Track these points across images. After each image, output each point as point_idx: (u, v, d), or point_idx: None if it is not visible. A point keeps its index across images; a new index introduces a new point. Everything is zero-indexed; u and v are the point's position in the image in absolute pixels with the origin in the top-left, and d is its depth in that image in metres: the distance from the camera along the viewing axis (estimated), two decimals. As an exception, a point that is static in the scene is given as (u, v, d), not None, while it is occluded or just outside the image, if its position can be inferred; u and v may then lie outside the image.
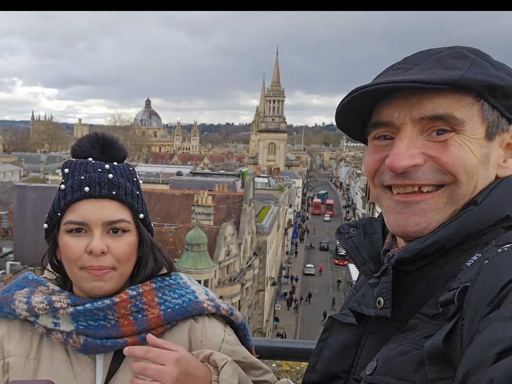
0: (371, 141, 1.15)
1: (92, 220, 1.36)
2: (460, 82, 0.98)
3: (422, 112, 1.02)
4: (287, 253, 71.12)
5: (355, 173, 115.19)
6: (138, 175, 1.56)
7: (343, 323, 1.22)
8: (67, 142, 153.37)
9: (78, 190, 1.38)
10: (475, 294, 0.83)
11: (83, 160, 1.45)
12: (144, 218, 1.47)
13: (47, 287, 1.46)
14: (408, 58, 1.12)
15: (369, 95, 1.05)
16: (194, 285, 1.55)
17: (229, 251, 35.04)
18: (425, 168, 1.03)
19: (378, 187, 1.14)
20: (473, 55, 1.05)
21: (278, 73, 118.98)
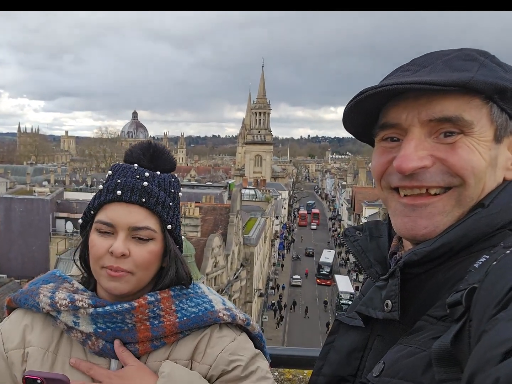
0: (378, 143, 1.15)
1: (119, 223, 1.40)
2: (469, 84, 0.97)
3: (430, 114, 1.01)
4: (274, 264, 71.14)
5: (340, 185, 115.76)
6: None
7: (349, 326, 1.25)
8: (53, 154, 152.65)
9: (112, 192, 1.42)
10: (483, 295, 0.82)
11: (128, 165, 1.50)
12: (172, 229, 1.48)
13: (72, 285, 1.51)
14: (416, 59, 1.12)
15: (377, 96, 1.05)
16: (212, 295, 1.56)
17: (217, 262, 35.11)
18: (433, 170, 1.03)
19: (385, 189, 1.14)
20: (482, 57, 1.05)
21: (264, 86, 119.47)
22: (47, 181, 60.47)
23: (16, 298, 1.52)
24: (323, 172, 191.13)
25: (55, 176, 67.77)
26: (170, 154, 1.58)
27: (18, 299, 1.51)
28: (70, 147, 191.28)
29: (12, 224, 39.74)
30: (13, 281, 30.89)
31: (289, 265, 75.05)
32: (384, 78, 1.15)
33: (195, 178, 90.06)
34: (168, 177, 1.53)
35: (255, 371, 1.46)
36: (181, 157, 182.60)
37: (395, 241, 1.23)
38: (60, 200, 43.07)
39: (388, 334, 1.09)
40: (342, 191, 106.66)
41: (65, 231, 40.22)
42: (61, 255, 33.64)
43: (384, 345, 1.08)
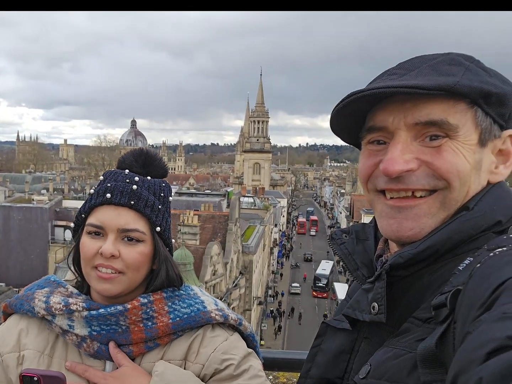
0: (365, 146, 1.16)
1: (108, 225, 1.43)
2: (455, 89, 0.99)
3: (416, 118, 1.03)
4: (273, 272, 71.01)
5: (339, 193, 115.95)
6: None
7: (336, 329, 1.26)
8: (52, 163, 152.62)
9: (102, 196, 1.45)
10: (467, 297, 0.83)
11: (119, 170, 1.53)
12: (161, 231, 1.50)
13: (66, 289, 1.53)
14: (403, 63, 1.14)
15: (364, 100, 1.06)
16: (204, 296, 1.58)
17: (215, 270, 35.05)
18: (418, 173, 1.04)
19: (371, 191, 1.15)
20: (467, 62, 1.07)
21: (262, 94, 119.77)
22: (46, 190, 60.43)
23: (11, 304, 1.54)
24: (322, 180, 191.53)
25: (54, 184, 67.72)
26: (162, 161, 1.62)
27: (14, 304, 1.53)
28: (68, 155, 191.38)
29: (11, 233, 39.66)
30: (11, 290, 30.79)
31: (288, 273, 74.99)
32: (371, 82, 1.16)
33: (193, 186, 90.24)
34: (159, 182, 1.56)
35: (248, 369, 1.48)
36: (180, 165, 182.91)
37: (381, 243, 1.24)
38: (59, 208, 42.97)
39: (374, 336, 1.10)
40: (341, 199, 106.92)
41: (64, 239, 40.08)
42: (60, 263, 33.51)
43: (371, 347, 1.09)
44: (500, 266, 0.83)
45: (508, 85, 1.07)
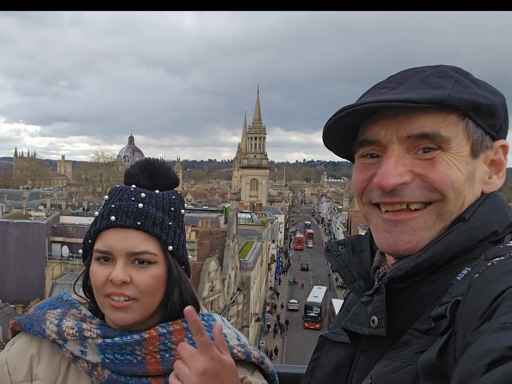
0: (358, 159, 1.17)
1: (116, 250, 1.35)
2: (445, 101, 1.00)
3: (408, 131, 1.03)
4: (271, 288, 70.77)
5: (336, 209, 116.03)
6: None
7: (335, 342, 1.24)
8: (50, 179, 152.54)
9: (106, 219, 1.38)
10: (467, 307, 0.83)
11: (125, 187, 1.45)
12: (174, 250, 1.41)
13: (79, 311, 1.45)
14: (393, 77, 1.15)
15: (356, 114, 1.06)
16: (226, 329, 1.50)
17: (213, 286, 34.96)
18: (413, 185, 1.04)
19: (366, 205, 1.15)
20: (456, 74, 1.08)
21: (259, 110, 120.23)
22: (43, 205, 60.39)
23: (21, 323, 1.46)
24: (319, 196, 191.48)
25: (52, 200, 67.61)
26: (171, 170, 1.53)
27: (24, 324, 1.45)
28: (66, 171, 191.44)
29: (8, 248, 39.50)
30: (8, 306, 30.63)
31: (286, 289, 74.68)
32: (362, 95, 1.17)
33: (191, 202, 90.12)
34: (168, 194, 1.48)
35: None
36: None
37: (378, 255, 1.25)
38: (56, 224, 42.92)
39: (374, 349, 1.09)
40: (338, 215, 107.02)
41: (61, 255, 39.96)
42: (57, 279, 33.39)
43: (370, 360, 1.08)
44: (499, 276, 0.82)
45: (497, 96, 1.08)
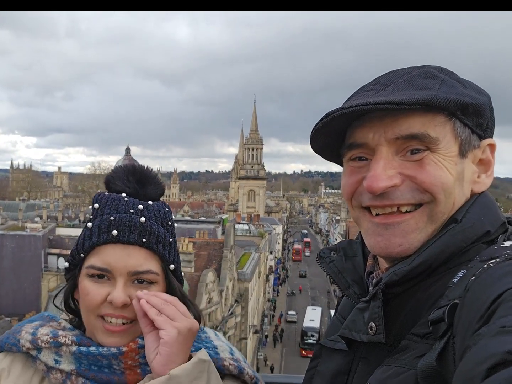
0: (346, 163, 1.15)
1: (117, 268, 1.24)
2: (432, 102, 1.00)
3: (397, 132, 1.03)
4: (269, 300, 70.43)
5: (334, 219, 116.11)
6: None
7: (332, 350, 1.22)
8: (46, 190, 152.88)
9: (106, 233, 1.26)
10: (465, 310, 0.83)
11: (116, 195, 1.33)
12: (175, 268, 1.34)
13: (58, 324, 1.36)
14: (379, 78, 1.14)
15: (343, 117, 1.05)
16: (219, 341, 1.40)
17: (211, 298, 34.71)
18: (403, 188, 1.03)
19: (356, 208, 1.14)
20: (442, 75, 1.08)
21: (256, 121, 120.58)
22: (40, 217, 60.10)
23: None
24: (317, 206, 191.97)
25: (48, 212, 67.39)
26: (158, 177, 1.41)
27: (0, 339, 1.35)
28: (62, 183, 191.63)
29: (4, 261, 39.22)
30: (3, 319, 30.39)
31: (284, 301, 74.34)
32: (349, 98, 1.16)
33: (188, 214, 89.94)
34: (162, 207, 1.37)
35: None
36: (174, 193, 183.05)
37: (370, 260, 1.23)
38: (52, 236, 42.67)
39: (372, 355, 1.08)
40: (336, 226, 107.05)
41: (57, 267, 39.66)
42: (53, 292, 33.20)
43: (369, 367, 1.06)
44: (496, 278, 0.82)
45: (483, 95, 1.09)
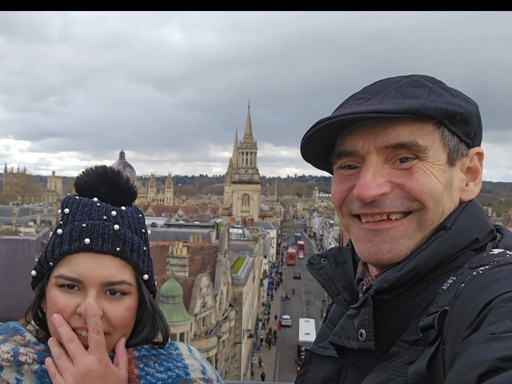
0: (336, 171, 1.17)
1: (89, 279, 1.18)
2: (421, 111, 1.01)
3: (386, 141, 1.04)
4: (263, 304, 70.42)
5: (328, 223, 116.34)
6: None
7: (322, 357, 1.22)
8: (40, 194, 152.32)
9: (77, 240, 1.20)
10: (454, 317, 0.83)
11: (87, 200, 1.26)
12: (148, 279, 1.29)
13: (23, 337, 1.27)
14: (368, 87, 1.16)
15: (333, 126, 1.06)
16: (191, 359, 1.32)
17: (205, 302, 34.70)
18: (392, 196, 1.05)
19: (346, 216, 1.15)
20: (430, 83, 1.10)
21: (250, 126, 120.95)
22: (33, 221, 60.02)
23: None
24: (311, 210, 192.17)
25: (42, 216, 67.36)
26: (130, 180, 1.35)
27: None
28: (57, 187, 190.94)
29: (-3, 265, 39.18)
30: (-4, 324, 30.26)
31: (278, 305, 74.32)
32: (338, 107, 1.17)
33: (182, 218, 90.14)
34: (135, 213, 1.31)
35: None
36: (168, 197, 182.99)
37: (360, 267, 1.23)
38: (46, 240, 42.14)
39: (362, 362, 1.08)
40: (330, 230, 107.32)
41: (51, 272, 39.63)
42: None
43: (359, 374, 1.07)
44: (486, 285, 0.83)
45: (470, 104, 1.10)
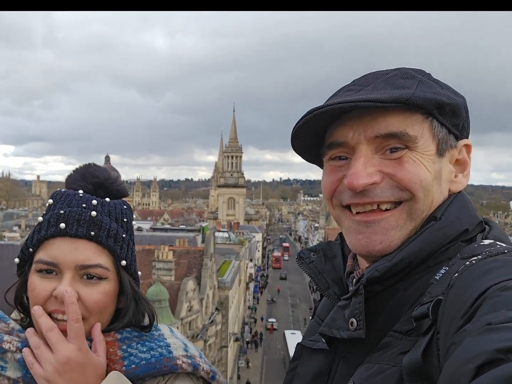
0: (327, 162, 1.18)
1: (64, 262, 1.20)
2: (411, 100, 1.02)
3: (376, 131, 1.05)
4: (249, 307, 70.43)
5: (313, 227, 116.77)
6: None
7: (312, 350, 1.22)
8: (24, 199, 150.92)
9: (54, 226, 1.23)
10: (448, 306, 0.83)
11: (71, 191, 1.32)
12: (127, 265, 1.30)
13: (7, 325, 1.29)
14: (357, 80, 1.18)
15: (323, 116, 1.07)
16: (173, 338, 1.35)
17: (191, 306, 34.69)
18: (382, 185, 1.06)
19: (337, 207, 1.16)
20: (419, 75, 1.12)
21: (235, 129, 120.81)
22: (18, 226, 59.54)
23: None
24: (296, 214, 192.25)
25: (26, 221, 66.74)
26: (119, 178, 1.40)
27: None
28: (41, 191, 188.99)
29: (-19, 271, 38.84)
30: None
31: (264, 309, 74.35)
32: (329, 99, 1.18)
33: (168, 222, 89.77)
34: (120, 204, 1.35)
35: None
36: (154, 201, 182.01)
37: (350, 260, 1.25)
38: (31, 245, 42.35)
39: (352, 355, 1.08)
40: (315, 233, 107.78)
41: (36, 277, 39.32)
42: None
43: (349, 366, 1.06)
44: (480, 275, 0.83)
45: (458, 96, 1.12)
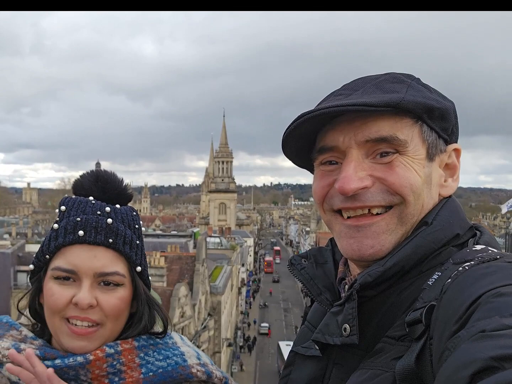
0: (317, 167, 1.18)
1: (83, 269, 1.23)
2: (401, 104, 1.02)
3: (366, 135, 1.05)
4: (242, 312, 70.33)
5: (304, 231, 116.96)
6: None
7: (305, 357, 1.21)
8: (15, 207, 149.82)
9: (72, 233, 1.25)
10: (442, 312, 0.83)
11: (83, 198, 1.33)
12: (141, 271, 1.34)
13: (19, 332, 1.32)
14: (347, 85, 1.18)
15: (314, 121, 1.07)
16: (185, 347, 1.39)
17: (184, 312, 34.66)
18: (373, 189, 1.06)
19: (328, 212, 1.16)
20: (408, 80, 1.12)
21: (226, 135, 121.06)
22: (9, 234, 59.20)
23: None
24: (287, 218, 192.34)
25: (17, 228, 66.43)
26: (124, 183, 1.43)
27: None
28: (32, 199, 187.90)
29: (-29, 279, 38.62)
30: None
31: (257, 314, 74.28)
32: (319, 103, 1.18)
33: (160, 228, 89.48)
34: (129, 210, 1.39)
35: None
36: (145, 207, 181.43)
37: (341, 266, 1.25)
38: (22, 253, 41.96)
39: (346, 361, 1.08)
40: (306, 237, 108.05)
41: (27, 284, 39.05)
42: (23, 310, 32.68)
43: (343, 373, 1.06)
44: (473, 280, 0.83)
45: (447, 100, 1.13)
